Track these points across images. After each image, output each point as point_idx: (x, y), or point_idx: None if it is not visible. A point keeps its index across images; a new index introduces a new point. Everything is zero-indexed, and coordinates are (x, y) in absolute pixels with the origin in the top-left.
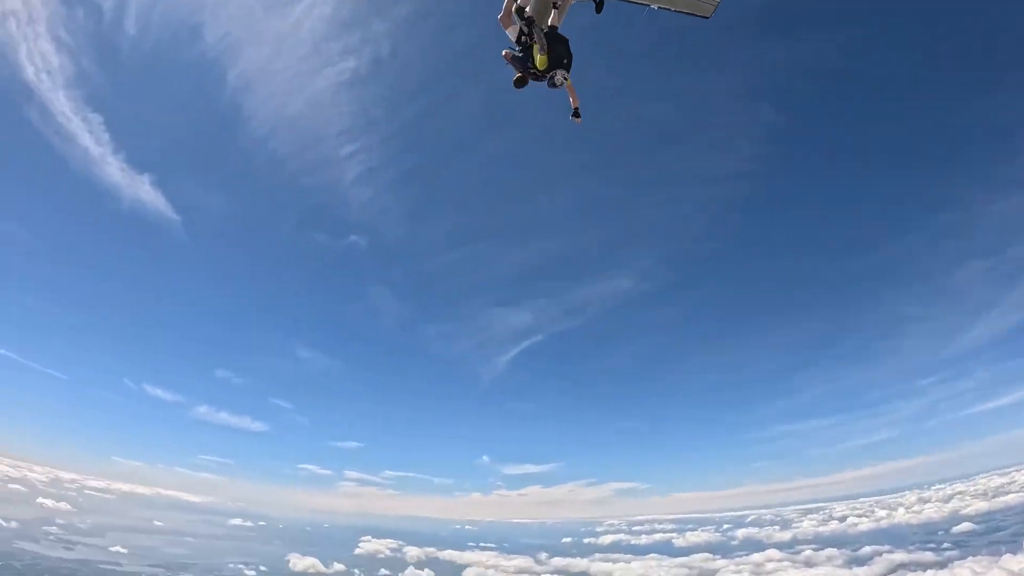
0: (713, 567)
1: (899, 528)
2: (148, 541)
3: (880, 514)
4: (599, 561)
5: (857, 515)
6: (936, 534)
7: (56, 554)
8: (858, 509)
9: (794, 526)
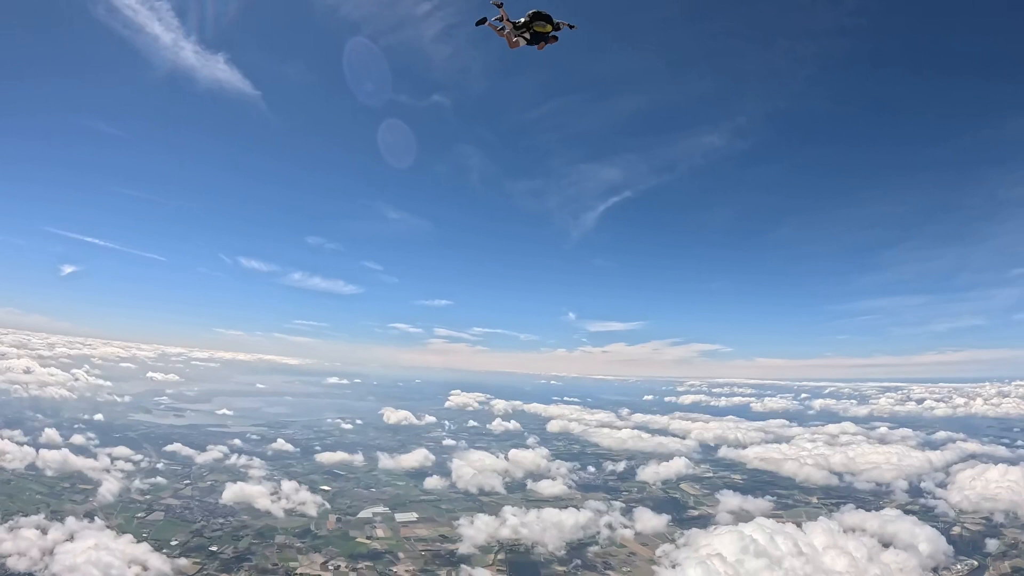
0: (789, 434)
1: (975, 418)
2: (251, 403)
3: (958, 401)
4: (678, 420)
5: (935, 399)
6: (1012, 430)
7: (167, 421)
8: (936, 393)
9: (871, 402)
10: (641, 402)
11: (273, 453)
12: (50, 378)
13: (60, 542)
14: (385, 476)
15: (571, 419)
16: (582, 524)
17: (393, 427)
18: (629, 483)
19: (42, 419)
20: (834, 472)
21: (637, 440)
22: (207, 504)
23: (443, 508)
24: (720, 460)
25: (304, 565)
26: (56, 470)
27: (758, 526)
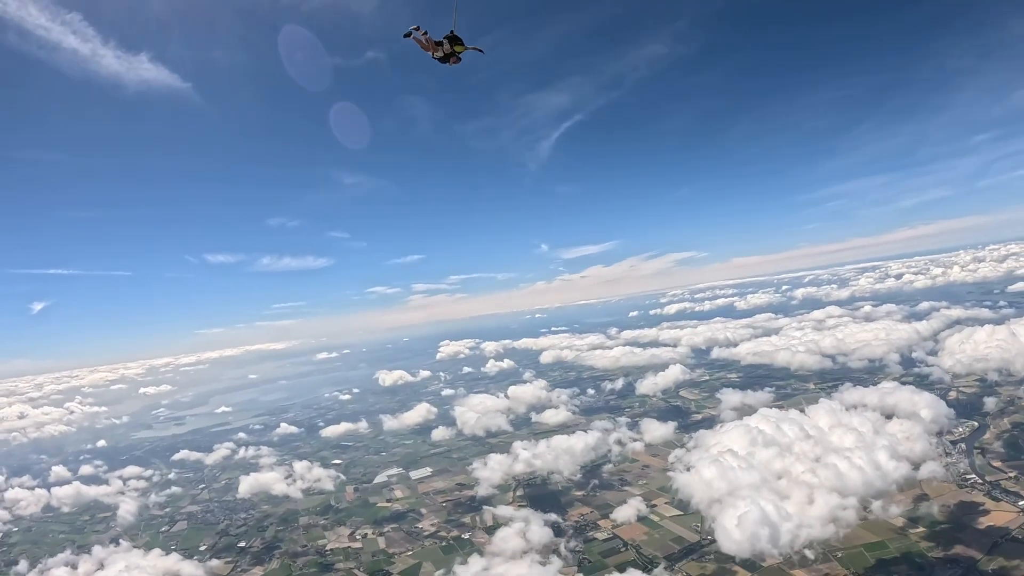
0: (776, 325)
1: (954, 286)
2: (247, 396)
3: (935, 272)
4: (667, 330)
5: (913, 273)
6: (992, 292)
7: (170, 432)
8: (913, 267)
9: (851, 284)
10: (628, 319)
11: (279, 439)
12: (45, 417)
13: (91, 574)
14: (392, 438)
15: (562, 348)
16: (592, 445)
17: (390, 388)
18: (630, 399)
19: (47, 459)
20: (826, 355)
21: (630, 356)
22: (226, 503)
23: (454, 458)
24: (714, 362)
25: (332, 540)
26: (72, 504)
27: (763, 417)
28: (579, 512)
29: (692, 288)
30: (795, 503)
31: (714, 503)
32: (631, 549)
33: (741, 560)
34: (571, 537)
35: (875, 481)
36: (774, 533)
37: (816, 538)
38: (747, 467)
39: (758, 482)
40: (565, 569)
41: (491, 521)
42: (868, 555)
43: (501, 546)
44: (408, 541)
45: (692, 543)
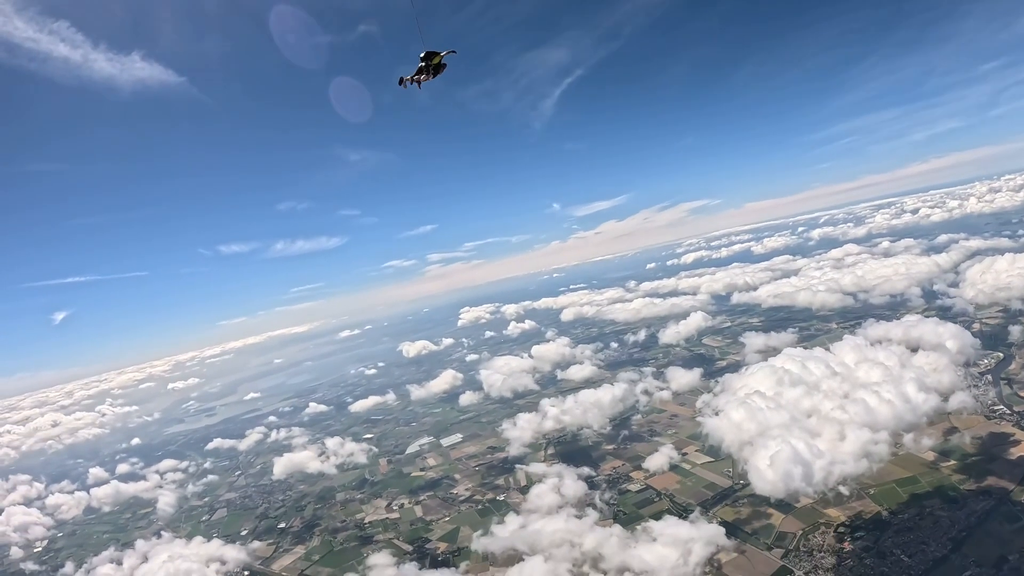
0: (795, 267)
1: (972, 217)
2: (274, 381)
3: (952, 205)
4: (685, 279)
5: (929, 207)
6: (1010, 222)
7: (201, 424)
8: (929, 201)
9: (867, 222)
10: (645, 272)
11: (309, 418)
12: (78, 423)
13: (136, 567)
14: (421, 407)
15: (582, 304)
16: (619, 397)
17: (415, 359)
18: (654, 350)
19: (84, 462)
20: (847, 293)
21: (650, 307)
22: (263, 486)
23: (484, 422)
24: (735, 307)
25: (370, 513)
26: (112, 503)
27: (788, 357)
28: (611, 466)
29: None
30: (826, 440)
31: (745, 445)
32: (665, 498)
33: (775, 501)
34: (605, 490)
35: (905, 414)
36: (807, 471)
37: (850, 474)
38: (775, 407)
39: (788, 421)
40: (601, 521)
41: (524, 481)
42: (900, 491)
43: (536, 503)
44: (444, 507)
45: (725, 488)
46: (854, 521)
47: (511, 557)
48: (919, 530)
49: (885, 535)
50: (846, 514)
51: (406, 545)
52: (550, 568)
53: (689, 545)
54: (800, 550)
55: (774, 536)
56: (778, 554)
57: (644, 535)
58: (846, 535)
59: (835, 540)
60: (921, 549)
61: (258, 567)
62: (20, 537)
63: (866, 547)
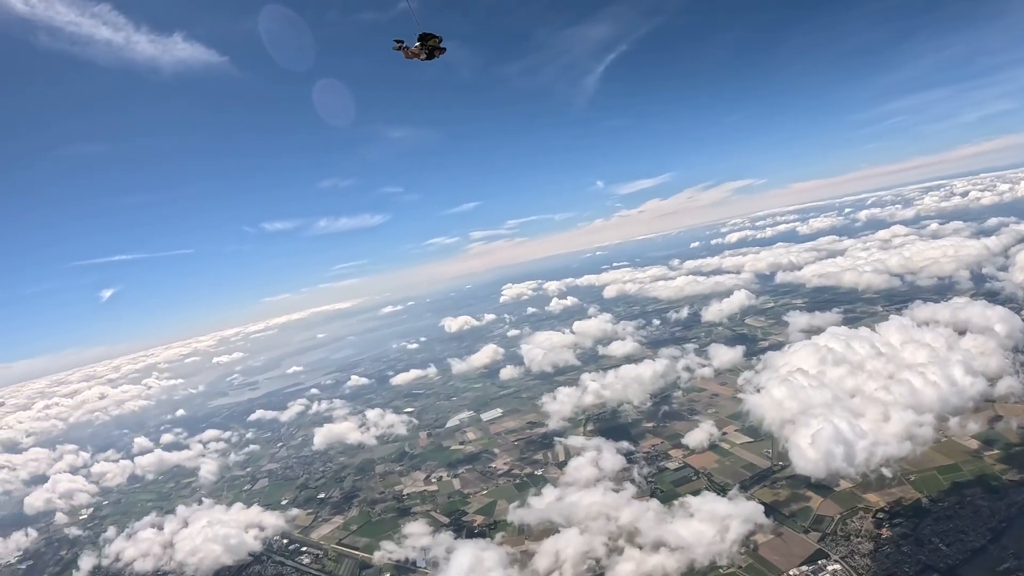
0: (841, 247)
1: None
2: (317, 356)
3: (1002, 188)
4: (729, 257)
5: (979, 190)
6: None
7: (245, 398)
8: (979, 184)
9: (916, 204)
10: (689, 250)
11: (350, 391)
12: (124, 395)
13: (177, 532)
14: (461, 382)
15: (625, 281)
16: (661, 373)
17: (456, 335)
18: (696, 329)
19: (129, 433)
20: (894, 275)
21: (693, 285)
22: (304, 457)
23: (524, 397)
24: (779, 287)
25: (408, 485)
26: (155, 471)
27: (832, 335)
28: (650, 443)
29: (752, 216)
30: (870, 421)
31: (786, 423)
32: (703, 477)
33: (815, 481)
34: (643, 467)
35: (950, 397)
36: (849, 451)
37: (893, 456)
38: (818, 386)
39: (830, 400)
40: (638, 495)
41: (563, 456)
42: (941, 478)
43: (574, 475)
44: (482, 481)
45: (764, 469)
46: (893, 507)
47: (547, 529)
48: (958, 519)
49: (924, 523)
50: (885, 500)
51: (443, 517)
52: (585, 541)
53: (727, 522)
54: (837, 534)
55: (812, 519)
56: (815, 537)
57: (681, 510)
58: (884, 521)
59: (873, 525)
60: (960, 538)
61: (296, 535)
62: (65, 503)
63: (904, 534)
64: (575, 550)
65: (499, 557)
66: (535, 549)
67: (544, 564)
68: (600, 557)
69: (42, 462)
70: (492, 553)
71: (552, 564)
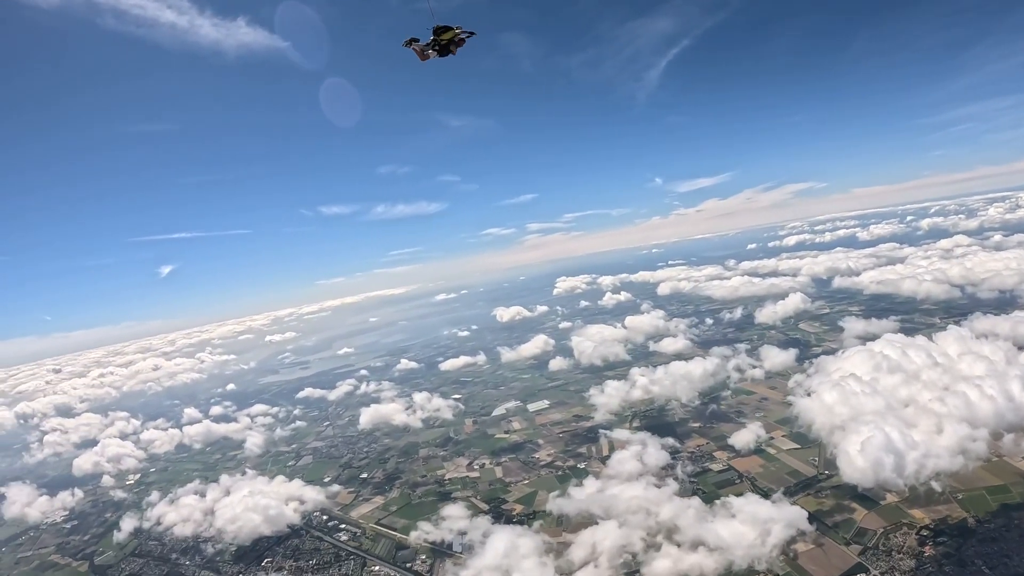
0: (901, 255)
1: None
2: (368, 339)
3: None
4: (786, 260)
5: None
6: None
7: (295, 376)
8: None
9: (980, 214)
10: (745, 251)
11: (399, 375)
12: (177, 368)
13: (218, 500)
14: (510, 372)
15: (679, 279)
16: (711, 371)
17: (508, 325)
18: (749, 331)
19: (180, 403)
20: (954, 285)
21: (748, 286)
22: (349, 437)
23: (571, 390)
24: (835, 293)
25: (451, 470)
26: (202, 441)
27: (887, 342)
28: (695, 443)
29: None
30: (922, 432)
31: (835, 430)
32: (746, 481)
33: (861, 491)
34: (686, 466)
35: (1007, 413)
36: (899, 462)
37: (944, 469)
38: (871, 392)
39: (883, 408)
40: (680, 493)
41: (607, 450)
42: (990, 498)
43: (616, 468)
44: (524, 471)
45: (809, 477)
46: (938, 525)
47: (585, 520)
48: (1004, 541)
49: (968, 543)
50: (931, 516)
51: (483, 504)
52: (623, 534)
53: (768, 525)
54: (879, 549)
55: (854, 531)
56: (856, 550)
57: (723, 510)
58: (928, 539)
59: (916, 542)
60: (1004, 562)
61: (336, 512)
62: (113, 467)
63: (947, 553)
64: (612, 543)
65: (535, 544)
66: (572, 540)
67: (580, 555)
68: (637, 552)
69: (93, 427)
70: (528, 540)
71: (588, 555)
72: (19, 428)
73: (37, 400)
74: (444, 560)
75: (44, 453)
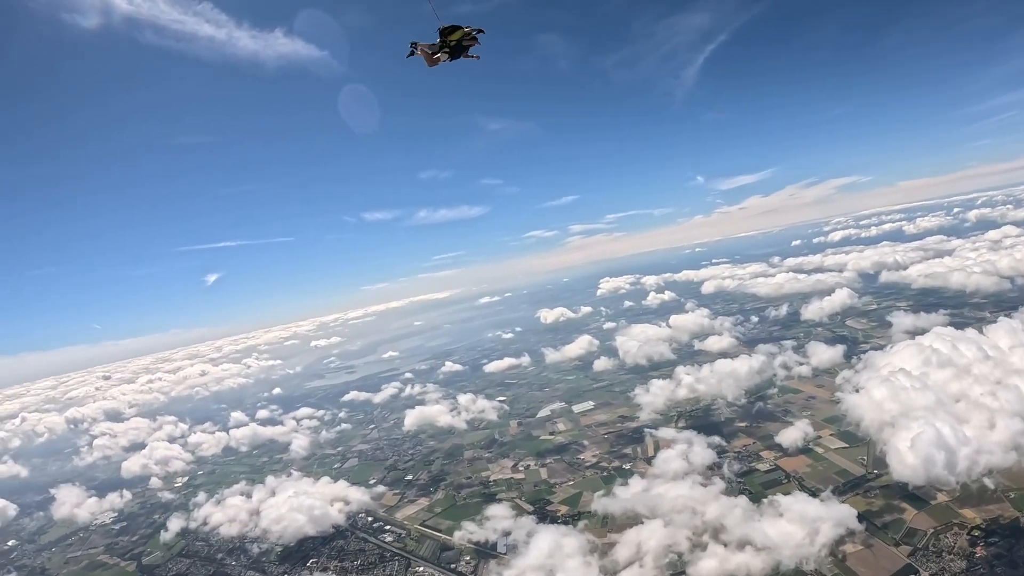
0: (948, 247)
1: None
2: (413, 343)
3: None
4: (832, 255)
5: None
6: None
7: (341, 380)
8: None
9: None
10: (790, 248)
11: (444, 377)
12: (224, 373)
13: (264, 501)
14: (554, 373)
15: (723, 278)
16: (757, 369)
17: (551, 326)
18: (795, 328)
19: (226, 407)
20: (1004, 276)
21: (794, 282)
22: (394, 440)
23: (616, 391)
24: (882, 287)
25: (496, 472)
26: (248, 444)
27: (937, 336)
28: (742, 443)
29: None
30: (974, 427)
31: (885, 426)
32: (793, 481)
33: (912, 489)
34: (732, 466)
35: None
36: (951, 458)
37: (997, 466)
38: (921, 388)
39: (933, 404)
40: (727, 492)
41: (652, 451)
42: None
43: (662, 467)
44: (569, 472)
45: (857, 476)
46: (990, 525)
47: (630, 520)
48: None
49: (1021, 543)
50: (982, 516)
51: (527, 505)
52: (669, 533)
53: (817, 524)
54: (929, 549)
55: (904, 532)
56: (905, 551)
57: (770, 509)
58: (980, 539)
59: (967, 543)
60: None
61: (381, 513)
62: (161, 470)
63: (999, 554)
64: (657, 542)
65: (579, 544)
66: (617, 539)
67: (625, 554)
68: (683, 551)
69: (142, 431)
70: (572, 540)
71: (633, 555)
72: (69, 432)
73: (87, 405)
74: (488, 561)
75: (94, 456)
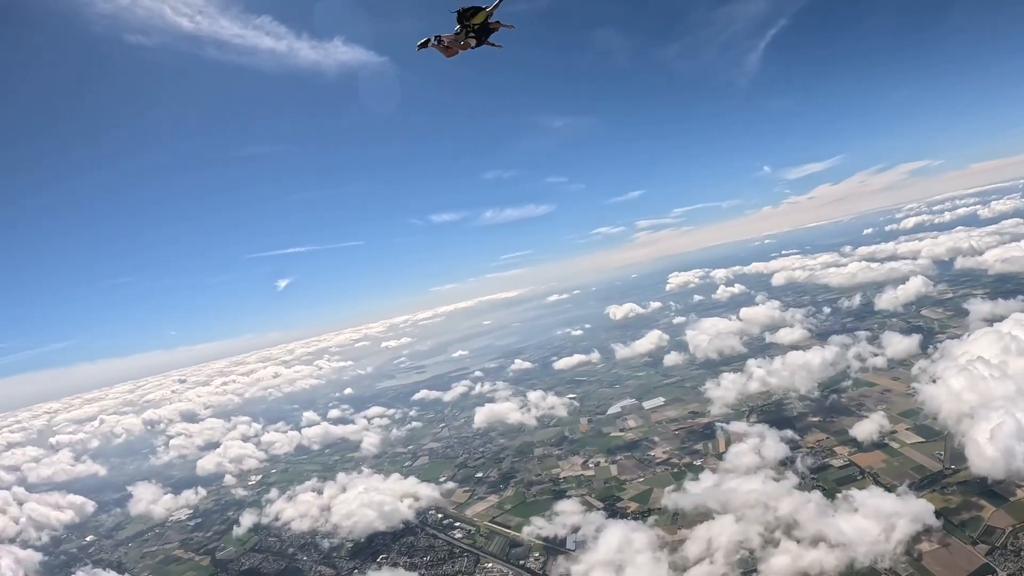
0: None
1: None
2: (482, 342)
3: None
4: (905, 243)
5: None
6: None
7: (411, 380)
8: None
9: None
10: (862, 237)
11: (514, 375)
12: (296, 375)
13: (335, 497)
14: (625, 370)
15: (794, 269)
16: (830, 361)
17: (621, 322)
18: (868, 319)
19: (299, 408)
20: None
21: (866, 271)
22: (465, 438)
23: (687, 387)
24: (958, 274)
25: (566, 469)
26: (320, 443)
27: (1016, 322)
28: (815, 438)
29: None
30: None
31: (963, 417)
32: (868, 477)
33: (991, 485)
34: (806, 461)
35: None
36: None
37: None
38: (1000, 377)
39: (1013, 393)
40: (800, 488)
41: (723, 446)
42: None
43: (734, 462)
44: (640, 468)
45: (934, 472)
46: None
47: (701, 515)
48: None
49: None
50: None
51: (597, 502)
52: (740, 529)
53: (893, 520)
54: (1007, 548)
55: (981, 530)
56: (983, 550)
57: (845, 504)
58: None
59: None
60: None
61: (451, 510)
62: (235, 468)
63: None
64: (728, 538)
65: (649, 539)
66: (687, 535)
67: (695, 550)
68: (754, 548)
69: (216, 431)
70: (642, 535)
71: (704, 551)
72: (146, 433)
73: (164, 408)
74: (557, 557)
75: (170, 455)
